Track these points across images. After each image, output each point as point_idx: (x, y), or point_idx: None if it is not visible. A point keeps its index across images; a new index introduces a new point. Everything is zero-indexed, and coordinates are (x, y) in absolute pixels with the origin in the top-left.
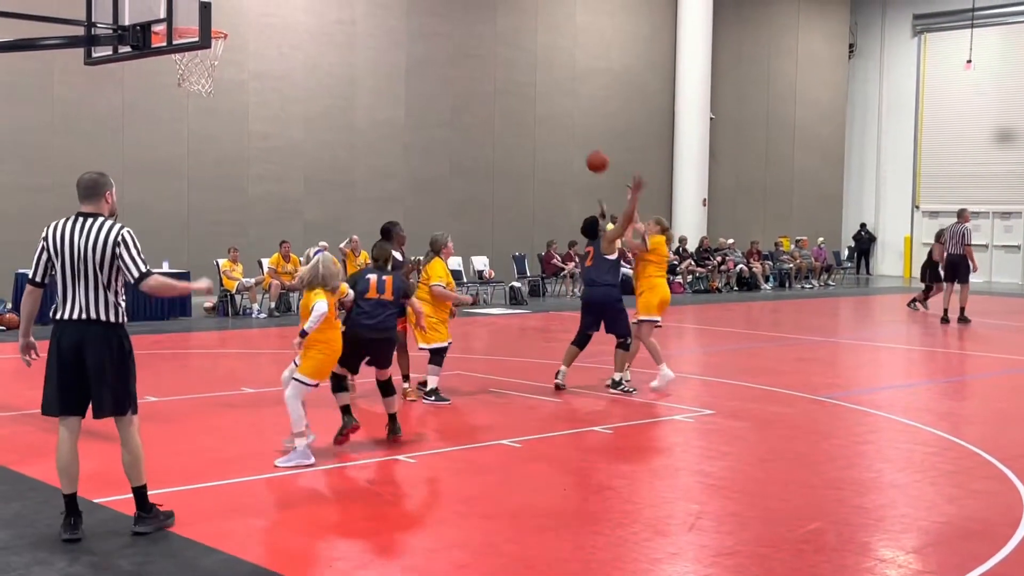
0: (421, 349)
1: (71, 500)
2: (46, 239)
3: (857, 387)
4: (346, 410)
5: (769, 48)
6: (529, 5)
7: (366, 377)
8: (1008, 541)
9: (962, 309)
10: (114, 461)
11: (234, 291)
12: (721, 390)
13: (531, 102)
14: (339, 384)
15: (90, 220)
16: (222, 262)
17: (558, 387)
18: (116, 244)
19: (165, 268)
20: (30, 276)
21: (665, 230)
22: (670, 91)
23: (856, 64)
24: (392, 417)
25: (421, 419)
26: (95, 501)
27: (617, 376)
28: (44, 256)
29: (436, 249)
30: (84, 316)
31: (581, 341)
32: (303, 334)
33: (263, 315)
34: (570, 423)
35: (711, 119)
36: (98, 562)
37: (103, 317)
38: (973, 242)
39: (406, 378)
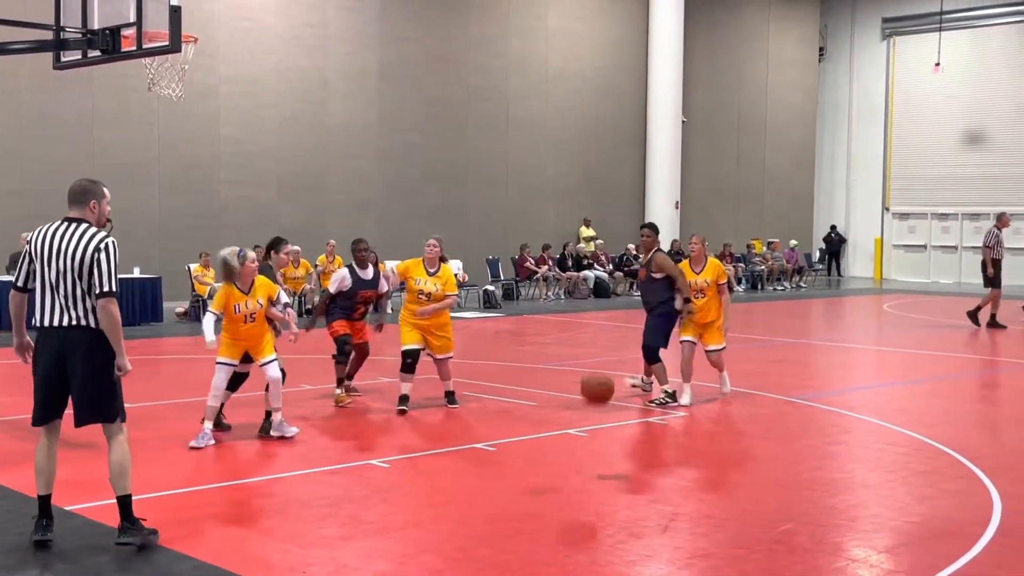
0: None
1: (45, 501)
2: (30, 243)
3: (829, 388)
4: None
5: (740, 51)
6: (501, 10)
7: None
8: (979, 540)
9: (992, 315)
10: (88, 468)
11: (206, 296)
12: (694, 392)
13: (504, 106)
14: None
15: (74, 225)
16: (194, 267)
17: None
18: (97, 250)
19: (136, 274)
20: (13, 281)
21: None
22: (642, 94)
23: (826, 67)
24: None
25: (394, 423)
26: (67, 508)
27: (670, 389)
28: (27, 260)
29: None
30: (65, 323)
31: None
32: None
33: None
34: (545, 426)
35: (683, 122)
36: (70, 569)
37: (83, 322)
38: (1001, 246)
39: (345, 379)
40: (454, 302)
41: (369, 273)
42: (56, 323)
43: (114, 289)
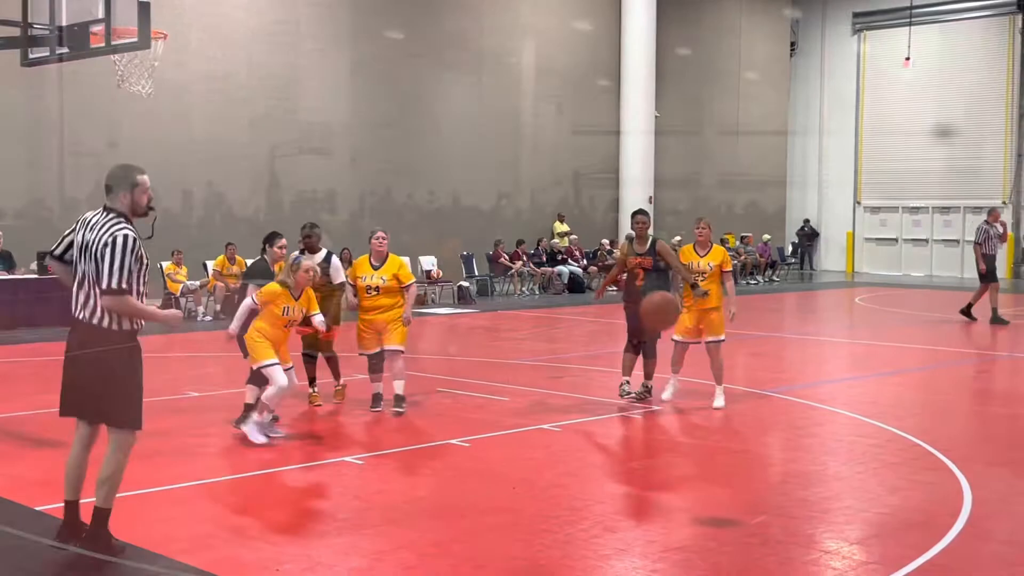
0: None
1: (67, 508)
2: (77, 222)
3: (801, 381)
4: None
5: (712, 46)
6: (474, 6)
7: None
8: (949, 531)
9: (969, 305)
10: (59, 468)
11: (178, 294)
12: (676, 387)
13: (478, 102)
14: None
15: (103, 216)
16: (166, 265)
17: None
18: (105, 244)
19: None
20: (50, 250)
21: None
22: (615, 90)
23: (798, 62)
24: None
25: (368, 420)
26: (38, 509)
27: (651, 384)
28: (70, 237)
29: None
30: (78, 315)
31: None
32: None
33: (208, 318)
34: (518, 421)
35: (656, 117)
36: (41, 570)
37: (91, 319)
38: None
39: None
40: (416, 291)
41: (316, 259)
42: (75, 314)
43: (117, 285)
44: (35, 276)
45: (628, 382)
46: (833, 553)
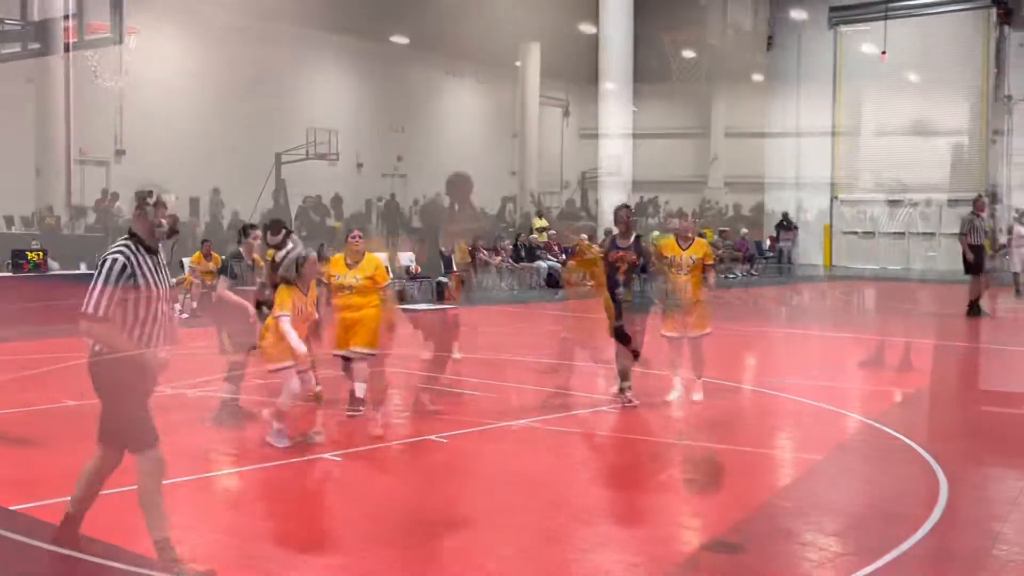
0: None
1: (64, 518)
2: None
3: (780, 375)
4: None
5: (690, 41)
6: (476, 7)
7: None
8: (925, 523)
9: (972, 301)
10: (31, 465)
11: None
12: (647, 381)
13: (466, 99)
14: None
15: (124, 236)
16: None
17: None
18: (95, 267)
19: (83, 270)
20: None
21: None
22: (595, 86)
23: (774, 57)
24: None
25: (346, 417)
26: (12, 508)
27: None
28: None
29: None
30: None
31: None
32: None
33: (185, 315)
34: (497, 417)
35: (633, 112)
36: (24, 570)
37: (87, 342)
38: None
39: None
40: (392, 292)
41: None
42: None
43: (90, 310)
44: (9, 275)
45: (630, 387)
46: (810, 545)
